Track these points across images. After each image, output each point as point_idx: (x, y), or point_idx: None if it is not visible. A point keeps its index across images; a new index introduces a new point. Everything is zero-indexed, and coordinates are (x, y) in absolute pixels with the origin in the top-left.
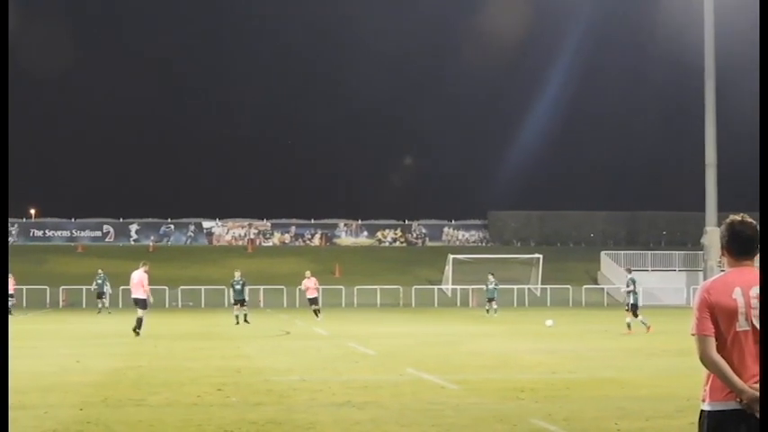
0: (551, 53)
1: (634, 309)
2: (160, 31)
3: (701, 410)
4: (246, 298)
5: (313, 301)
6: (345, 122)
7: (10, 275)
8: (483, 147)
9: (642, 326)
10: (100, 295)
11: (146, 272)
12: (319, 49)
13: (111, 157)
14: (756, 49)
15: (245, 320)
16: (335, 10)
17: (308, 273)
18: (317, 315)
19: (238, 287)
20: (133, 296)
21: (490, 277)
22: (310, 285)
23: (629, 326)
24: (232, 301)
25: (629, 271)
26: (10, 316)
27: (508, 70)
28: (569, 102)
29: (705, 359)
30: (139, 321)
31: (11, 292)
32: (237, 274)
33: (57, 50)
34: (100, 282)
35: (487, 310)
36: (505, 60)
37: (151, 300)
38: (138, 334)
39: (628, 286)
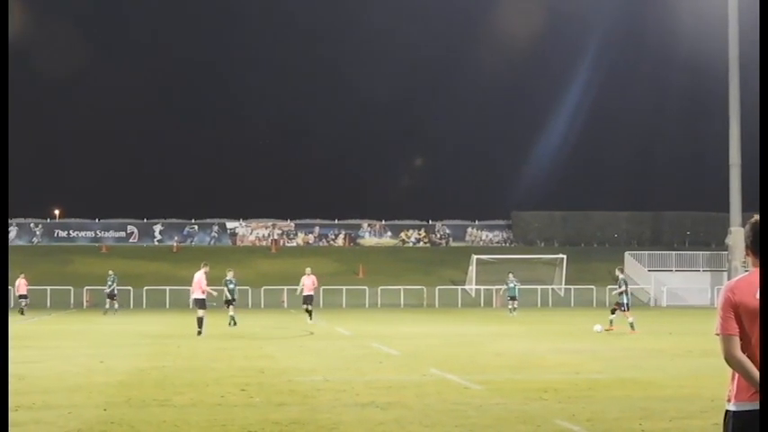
0: (575, 53)
1: (625, 307)
2: (180, 30)
3: (726, 411)
4: (236, 298)
5: (308, 299)
6: (370, 123)
7: (22, 276)
8: (507, 147)
9: (617, 326)
10: (111, 296)
11: (205, 273)
12: (343, 48)
13: (135, 158)
14: None
15: (234, 322)
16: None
17: (308, 270)
18: (309, 316)
19: (231, 286)
20: (192, 296)
21: (510, 276)
22: (308, 283)
23: (632, 326)
24: (224, 300)
25: (621, 271)
26: (22, 316)
27: (532, 71)
28: (593, 102)
29: (730, 359)
30: (200, 321)
31: (24, 292)
32: (230, 274)
33: (78, 51)
34: (110, 282)
35: (510, 309)
36: (529, 61)
37: (214, 294)
38: (199, 333)
39: (620, 287)
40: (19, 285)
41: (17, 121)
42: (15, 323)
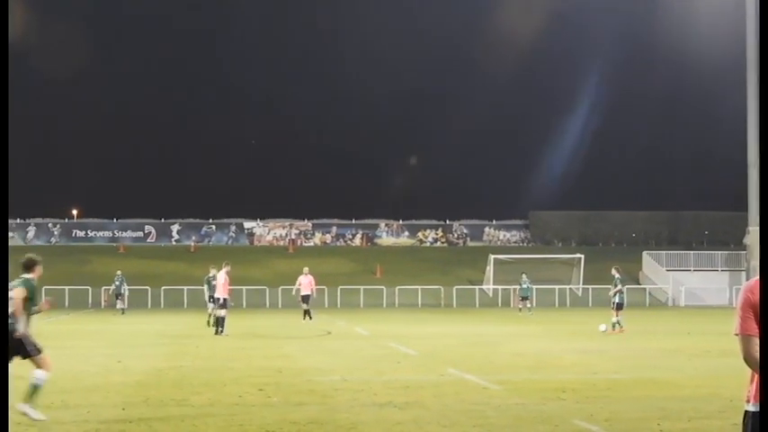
0: (591, 52)
1: (619, 308)
2: (194, 30)
3: (746, 411)
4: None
5: (305, 299)
6: (386, 122)
7: None
8: (524, 147)
9: (625, 326)
10: (118, 296)
11: (227, 273)
12: (358, 46)
13: (153, 158)
14: None
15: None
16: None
17: (305, 269)
18: (308, 316)
19: (215, 283)
20: (215, 296)
21: (523, 276)
22: (305, 283)
23: (618, 324)
24: (206, 298)
25: (618, 271)
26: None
27: (549, 70)
28: (610, 101)
29: (749, 359)
30: (221, 321)
31: None
32: (213, 272)
33: (96, 51)
34: (118, 283)
35: (520, 309)
36: (547, 60)
37: (231, 302)
38: (219, 333)
39: (615, 286)
40: None
41: (35, 121)
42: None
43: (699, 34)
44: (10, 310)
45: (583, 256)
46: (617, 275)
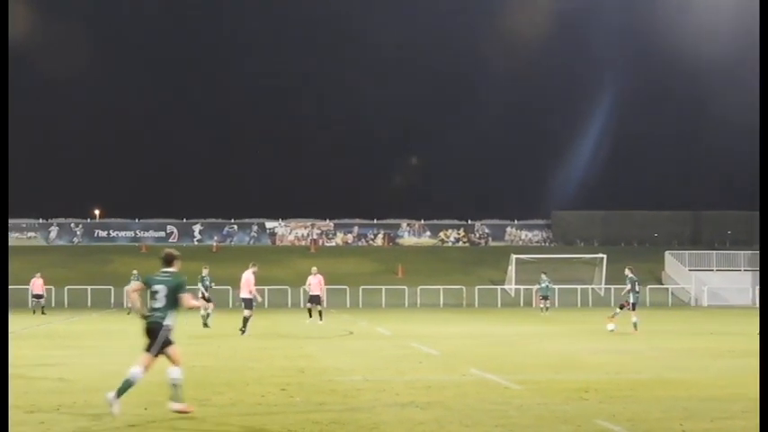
0: (615, 50)
1: (631, 307)
2: (213, 30)
3: None
4: (210, 297)
5: (315, 299)
6: (407, 122)
7: (38, 276)
8: (546, 147)
9: (617, 320)
10: None
11: (254, 273)
12: (384, 45)
13: (175, 158)
14: None
15: (206, 323)
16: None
17: (314, 269)
18: (319, 316)
19: (207, 283)
20: (240, 296)
21: (543, 276)
22: (314, 283)
23: (635, 326)
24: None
25: (631, 271)
26: (43, 315)
27: (572, 70)
28: (631, 101)
29: None
30: (245, 320)
31: (39, 292)
32: (206, 271)
33: (118, 52)
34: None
35: (541, 309)
36: (570, 60)
37: (258, 299)
38: (242, 332)
39: (628, 285)
40: (34, 285)
41: (57, 122)
42: (54, 323)
43: (724, 33)
44: (160, 304)
45: (605, 255)
46: (629, 275)
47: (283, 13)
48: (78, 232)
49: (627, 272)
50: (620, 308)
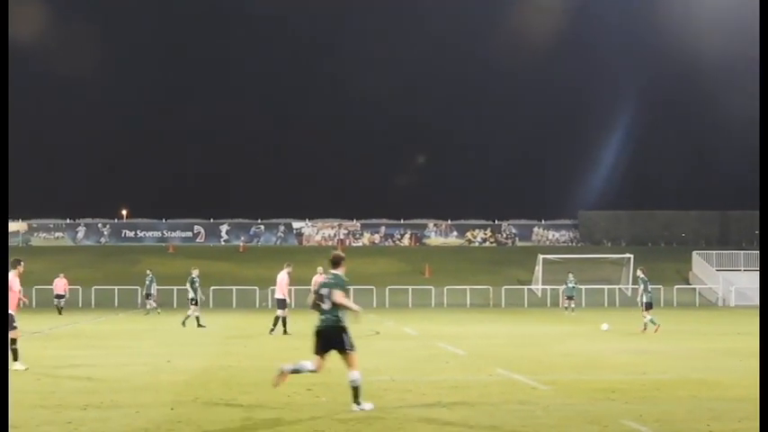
0: (640, 52)
1: (648, 307)
2: (244, 29)
3: None
4: (198, 298)
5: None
6: (435, 122)
7: (62, 276)
8: (573, 146)
9: (651, 324)
10: (148, 296)
11: (288, 273)
12: (412, 43)
13: (202, 158)
14: None
15: (199, 323)
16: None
17: (320, 269)
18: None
19: (196, 285)
20: (275, 296)
21: (570, 276)
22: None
23: (652, 323)
24: (188, 299)
25: (643, 271)
26: (59, 315)
27: (598, 70)
28: (658, 100)
29: None
30: (276, 320)
31: (61, 292)
32: (195, 273)
33: (142, 51)
34: (148, 282)
35: (566, 308)
36: (596, 61)
37: (288, 300)
38: (271, 332)
39: (643, 286)
40: (56, 284)
41: (84, 122)
42: (81, 323)
43: (748, 32)
44: (327, 306)
45: (632, 256)
46: (641, 275)
47: (308, 13)
48: (105, 232)
49: (638, 273)
50: (647, 309)
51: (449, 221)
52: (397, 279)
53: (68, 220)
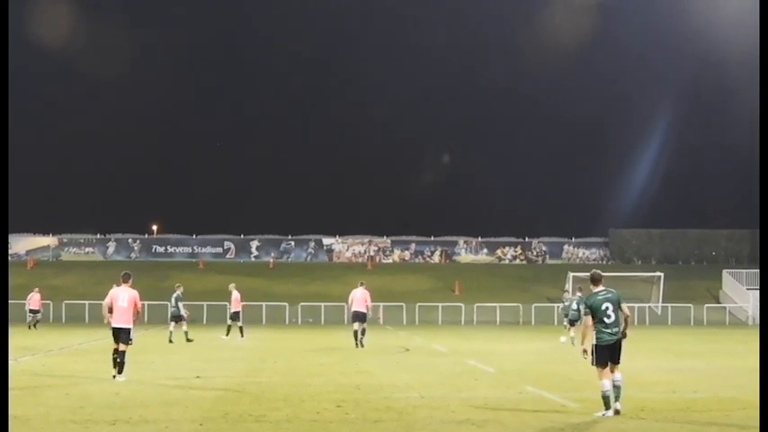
0: (672, 69)
1: (572, 324)
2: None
3: None
4: (183, 315)
5: (361, 316)
6: (465, 140)
7: (36, 291)
8: (603, 165)
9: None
10: (179, 318)
11: (366, 288)
12: (442, 60)
13: (232, 174)
14: None
15: (188, 338)
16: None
17: (362, 283)
18: (355, 339)
19: (180, 302)
20: (354, 309)
21: (578, 295)
22: (358, 297)
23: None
24: (180, 314)
25: (580, 290)
26: (34, 329)
27: (630, 87)
28: (688, 118)
29: None
30: (355, 333)
31: (35, 307)
32: (180, 290)
33: (174, 67)
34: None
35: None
36: (628, 77)
37: (369, 314)
38: (359, 345)
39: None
40: (31, 299)
41: (117, 137)
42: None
43: None
44: (612, 319)
45: (662, 274)
46: (579, 294)
47: (345, 30)
48: (136, 248)
49: (578, 292)
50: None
51: (479, 239)
52: (427, 296)
53: (99, 236)
